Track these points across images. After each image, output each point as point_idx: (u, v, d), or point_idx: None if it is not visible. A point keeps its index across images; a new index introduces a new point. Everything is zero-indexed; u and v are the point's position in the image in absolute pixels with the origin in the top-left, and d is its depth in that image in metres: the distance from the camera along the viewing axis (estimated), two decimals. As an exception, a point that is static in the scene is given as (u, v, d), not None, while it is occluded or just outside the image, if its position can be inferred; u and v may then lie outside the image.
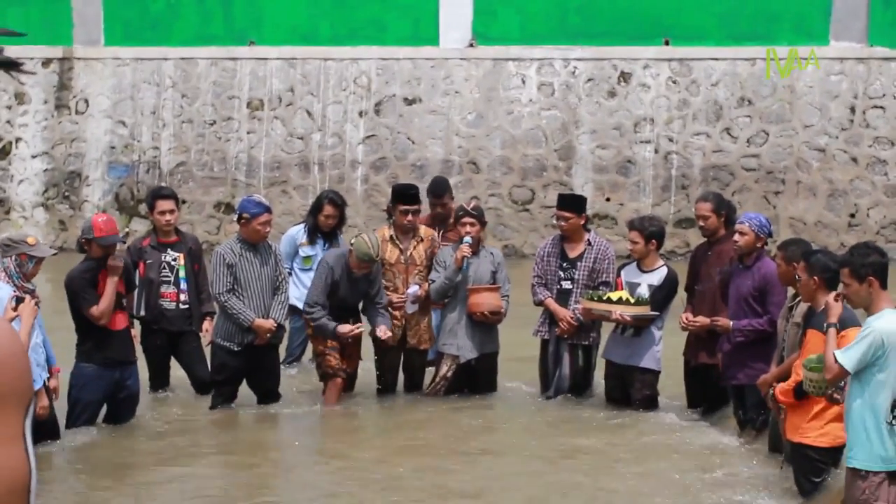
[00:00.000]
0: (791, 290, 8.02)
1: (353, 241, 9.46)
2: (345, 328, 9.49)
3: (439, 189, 10.90)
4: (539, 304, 9.96)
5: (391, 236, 10.03)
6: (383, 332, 9.60)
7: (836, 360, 6.24)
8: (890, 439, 6.20)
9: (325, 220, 10.71)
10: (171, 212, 9.86)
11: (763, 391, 7.97)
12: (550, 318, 9.89)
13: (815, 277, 7.12)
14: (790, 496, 7.41)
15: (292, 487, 8.13)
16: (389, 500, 7.58)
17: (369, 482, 8.00)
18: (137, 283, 9.57)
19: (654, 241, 9.60)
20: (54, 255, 8.47)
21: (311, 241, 10.74)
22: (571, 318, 9.73)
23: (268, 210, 9.65)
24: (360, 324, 9.68)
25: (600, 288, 9.72)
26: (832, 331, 6.45)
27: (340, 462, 8.52)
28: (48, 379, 8.32)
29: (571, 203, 10.13)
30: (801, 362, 6.93)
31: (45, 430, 8.25)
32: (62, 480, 8.11)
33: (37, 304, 8.12)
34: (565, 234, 9.95)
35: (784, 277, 8.05)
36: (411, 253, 10.01)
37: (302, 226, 10.96)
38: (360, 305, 9.85)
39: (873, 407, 6.20)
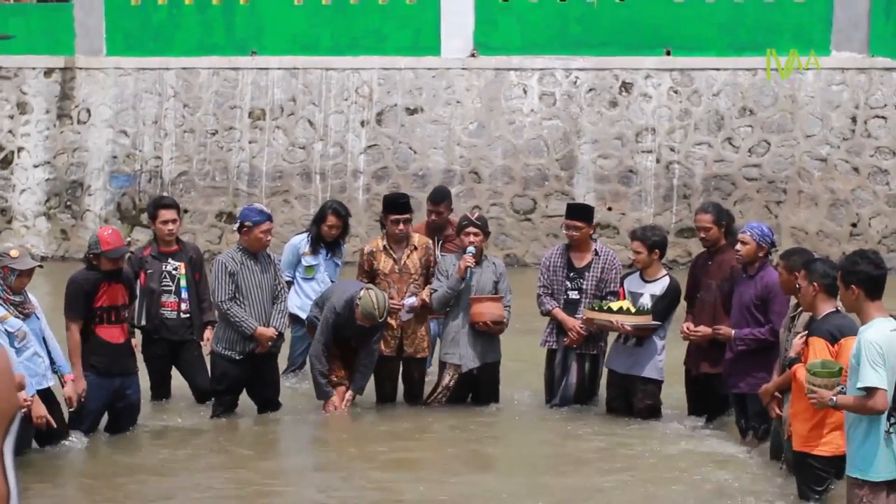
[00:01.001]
0: (794, 300, 8.02)
1: (361, 296, 9.35)
2: (331, 405, 9.60)
3: (436, 196, 10.94)
4: (546, 314, 9.91)
5: (384, 246, 10.02)
6: (349, 396, 9.68)
7: (864, 394, 6.11)
8: (888, 448, 6.19)
9: (329, 231, 10.73)
10: (173, 221, 9.87)
11: (765, 400, 7.97)
12: (558, 328, 9.86)
13: (815, 284, 7.11)
14: (792, 505, 7.41)
15: (292, 497, 8.12)
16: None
17: (370, 492, 7.99)
18: (138, 292, 9.57)
19: (657, 250, 9.59)
20: (39, 267, 8.45)
21: (314, 250, 10.75)
22: (580, 327, 9.71)
23: (269, 219, 9.66)
24: (346, 399, 9.71)
25: (607, 298, 9.70)
26: (841, 397, 6.32)
27: (341, 472, 8.51)
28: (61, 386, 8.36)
29: (581, 213, 10.10)
30: (803, 367, 6.91)
31: (54, 432, 8.36)
32: (61, 488, 8.11)
33: (29, 314, 8.18)
34: (574, 243, 9.92)
35: (786, 286, 8.07)
36: (405, 262, 9.99)
37: (305, 235, 10.96)
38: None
39: (871, 416, 6.18)
